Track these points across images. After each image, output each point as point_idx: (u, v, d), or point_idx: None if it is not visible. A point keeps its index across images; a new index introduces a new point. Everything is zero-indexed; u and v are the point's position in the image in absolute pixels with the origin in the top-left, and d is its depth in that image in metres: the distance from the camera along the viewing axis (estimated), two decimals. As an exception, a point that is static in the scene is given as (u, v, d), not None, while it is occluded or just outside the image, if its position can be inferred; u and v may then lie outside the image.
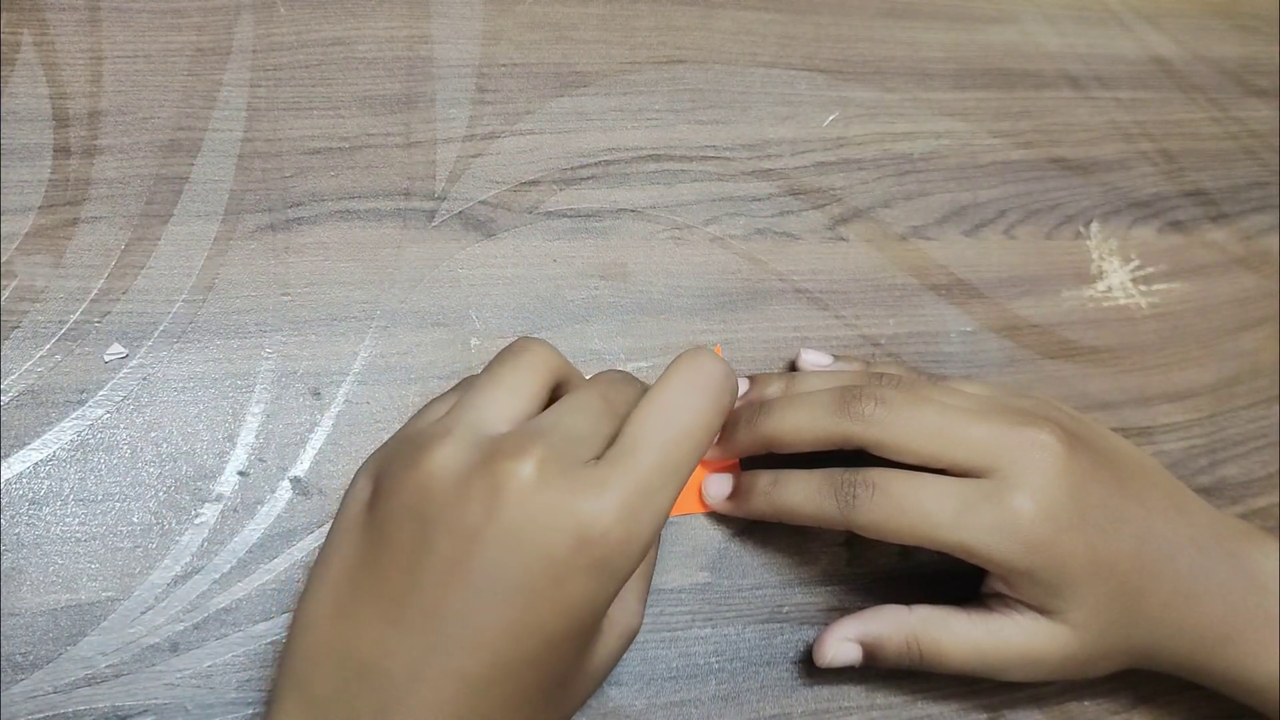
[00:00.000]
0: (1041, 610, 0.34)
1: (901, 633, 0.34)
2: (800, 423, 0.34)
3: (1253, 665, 0.34)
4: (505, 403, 0.28)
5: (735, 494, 0.36)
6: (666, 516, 0.27)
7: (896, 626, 0.35)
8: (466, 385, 0.30)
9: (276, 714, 0.27)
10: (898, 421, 0.33)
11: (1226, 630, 0.34)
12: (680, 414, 0.28)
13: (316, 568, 0.28)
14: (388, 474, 0.27)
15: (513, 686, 0.26)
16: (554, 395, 0.30)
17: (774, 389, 0.36)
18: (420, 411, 0.30)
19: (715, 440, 0.35)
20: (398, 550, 0.26)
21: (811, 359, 0.39)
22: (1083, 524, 0.33)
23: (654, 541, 0.27)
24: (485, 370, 0.30)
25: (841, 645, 0.35)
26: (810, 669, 0.37)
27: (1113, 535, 0.33)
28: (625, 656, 0.35)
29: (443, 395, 0.31)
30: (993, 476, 0.33)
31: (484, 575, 0.25)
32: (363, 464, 0.29)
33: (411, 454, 0.27)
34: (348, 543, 0.27)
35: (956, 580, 0.36)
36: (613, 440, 0.27)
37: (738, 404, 0.36)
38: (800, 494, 0.34)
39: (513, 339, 0.31)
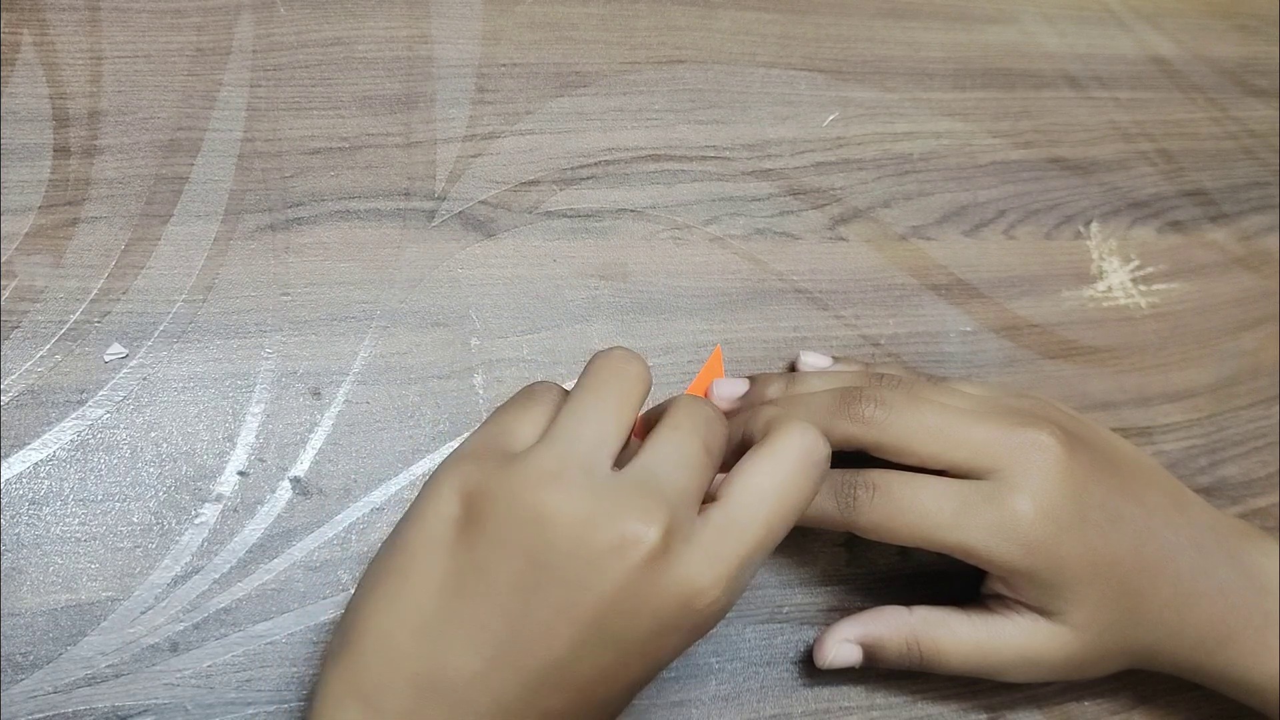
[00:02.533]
0: (1042, 611, 0.34)
1: (901, 634, 0.34)
2: None
3: (1253, 665, 0.34)
4: (611, 435, 0.28)
5: None
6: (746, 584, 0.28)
7: (896, 627, 0.35)
8: (560, 401, 0.29)
9: (335, 711, 0.27)
10: (898, 423, 0.33)
11: (1226, 630, 0.34)
12: (788, 495, 0.28)
13: (391, 579, 0.27)
14: (489, 499, 0.26)
15: (584, 718, 0.27)
16: None
17: (774, 390, 0.36)
18: (503, 418, 0.29)
19: None
20: (501, 584, 0.26)
21: (810, 361, 0.39)
22: (1082, 525, 0.33)
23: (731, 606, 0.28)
24: (585, 388, 0.29)
25: (841, 646, 0.35)
26: (810, 669, 0.37)
27: (1113, 536, 0.33)
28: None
29: (524, 402, 0.30)
30: (993, 478, 0.33)
31: (591, 627, 0.26)
32: (442, 472, 0.28)
33: (524, 488, 0.26)
34: (434, 562, 0.27)
35: (957, 580, 0.36)
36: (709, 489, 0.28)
37: (737, 404, 0.36)
38: None
39: (604, 349, 0.30)
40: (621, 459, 0.28)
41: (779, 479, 0.28)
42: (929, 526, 0.32)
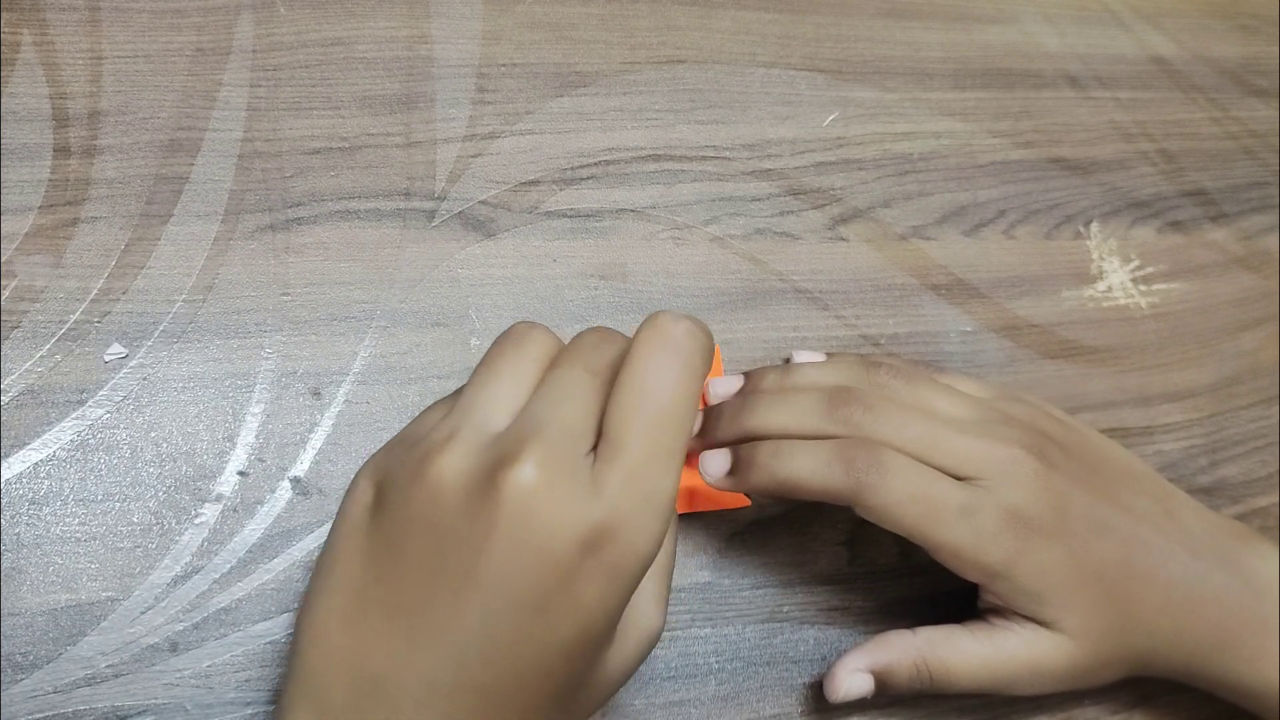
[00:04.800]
0: (1036, 620, 0.34)
1: (909, 656, 0.34)
2: (786, 422, 0.34)
3: (1250, 671, 0.34)
4: (507, 395, 0.27)
5: (735, 468, 0.34)
6: (671, 506, 0.26)
7: (903, 651, 0.34)
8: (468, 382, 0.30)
9: (286, 718, 0.26)
10: (884, 430, 0.33)
11: (1224, 636, 0.34)
12: (656, 394, 0.26)
13: (320, 574, 0.27)
14: (393, 480, 0.27)
15: (527, 696, 0.26)
16: None
17: (769, 381, 0.36)
18: (422, 414, 0.30)
19: (700, 407, 0.34)
20: (410, 562, 0.26)
21: (804, 359, 0.38)
22: (1064, 532, 0.33)
23: (662, 537, 0.26)
24: (483, 362, 0.29)
25: (853, 677, 0.34)
26: (810, 670, 0.37)
27: (1096, 544, 0.34)
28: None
29: (445, 398, 0.30)
30: (977, 486, 0.33)
31: (495, 586, 0.25)
32: (362, 466, 0.28)
33: (418, 461, 0.26)
34: (352, 550, 0.27)
35: (958, 580, 0.36)
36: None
37: (732, 396, 0.36)
38: (807, 466, 0.33)
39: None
40: None
41: (641, 383, 0.26)
42: (931, 521, 0.32)
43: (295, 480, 0.34)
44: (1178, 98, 0.50)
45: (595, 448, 0.26)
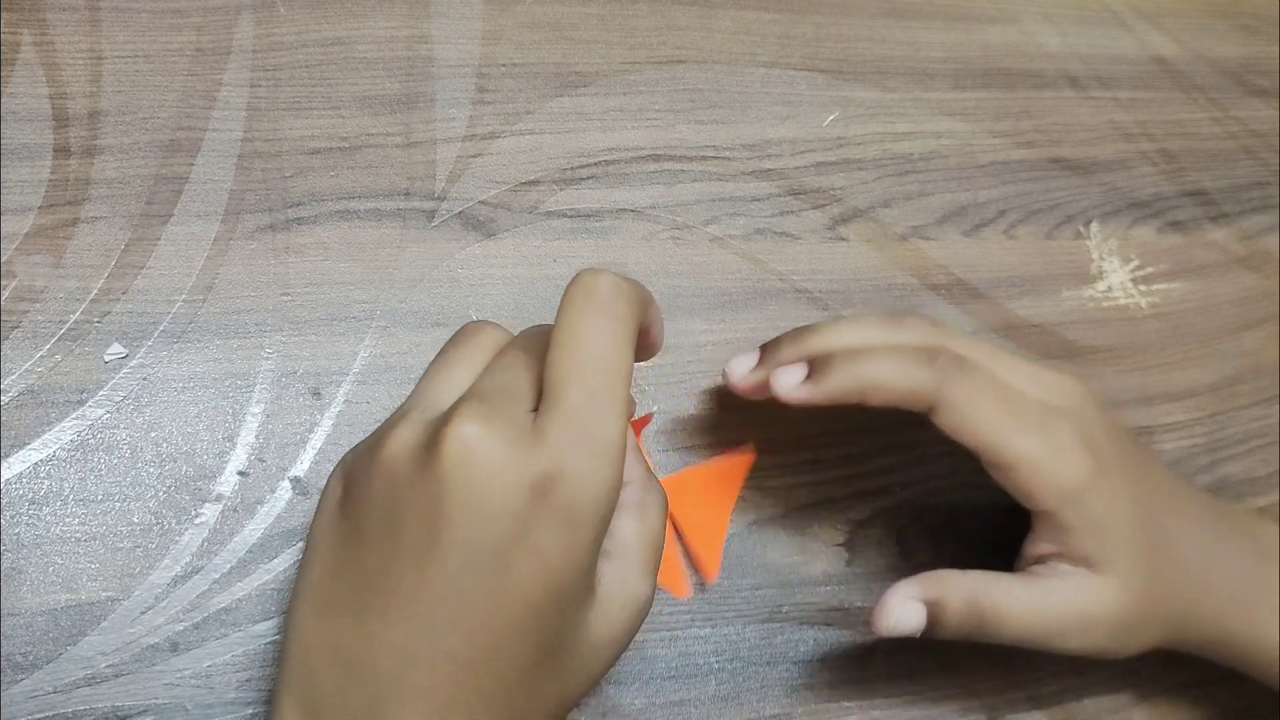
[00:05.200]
0: (1089, 562, 0.33)
1: (962, 594, 0.33)
2: (854, 339, 0.34)
3: (1272, 632, 0.35)
4: (456, 379, 0.28)
5: (813, 374, 0.33)
6: (618, 449, 0.26)
7: (957, 588, 0.33)
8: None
9: (276, 716, 0.27)
10: (954, 344, 0.34)
11: (1245, 598, 0.35)
12: (585, 343, 0.26)
13: (299, 572, 0.28)
14: (354, 468, 0.27)
15: (505, 662, 0.26)
16: None
17: (787, 352, 0.35)
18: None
19: (632, 353, 0.31)
20: (371, 541, 0.26)
21: (739, 366, 0.36)
22: (1123, 471, 0.34)
23: (613, 481, 0.26)
24: (437, 355, 0.30)
25: (906, 606, 0.33)
26: (811, 670, 0.37)
27: (1143, 490, 0.34)
28: (625, 656, 0.35)
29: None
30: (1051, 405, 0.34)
31: (454, 549, 0.25)
32: (334, 467, 0.29)
33: (373, 445, 0.27)
34: (324, 541, 0.27)
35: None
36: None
37: (755, 377, 0.35)
38: (889, 364, 0.33)
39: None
40: None
41: (569, 335, 0.26)
42: (1010, 428, 0.32)
43: (295, 480, 0.34)
44: (1178, 98, 0.50)
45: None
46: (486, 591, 0.25)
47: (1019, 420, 0.32)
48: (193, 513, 0.33)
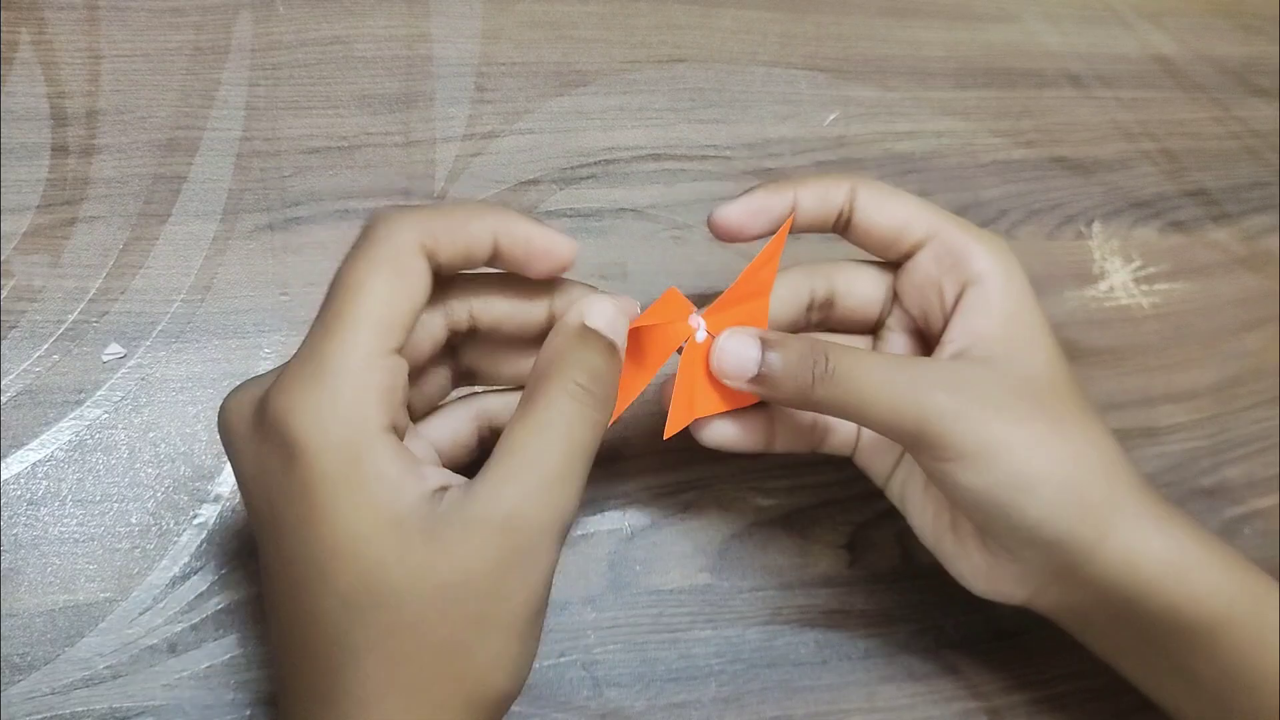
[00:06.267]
0: (999, 345, 0.31)
1: (808, 343, 0.29)
2: None
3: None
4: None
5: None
6: (344, 375, 0.24)
7: (803, 339, 0.30)
8: None
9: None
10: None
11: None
12: (338, 275, 0.26)
13: None
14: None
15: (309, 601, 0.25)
16: None
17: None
18: None
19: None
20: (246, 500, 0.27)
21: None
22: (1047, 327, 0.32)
23: (335, 408, 0.24)
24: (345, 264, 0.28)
25: (740, 337, 0.30)
26: (810, 671, 0.37)
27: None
28: (625, 657, 0.35)
29: None
30: None
31: (250, 510, 0.26)
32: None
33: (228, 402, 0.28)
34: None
35: (959, 586, 0.36)
36: None
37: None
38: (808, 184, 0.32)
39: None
40: None
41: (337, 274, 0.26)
42: (928, 207, 0.32)
43: (294, 481, 0.34)
44: (1180, 97, 0.49)
45: None
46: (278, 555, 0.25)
47: (936, 207, 0.32)
48: (191, 513, 0.33)
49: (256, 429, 0.25)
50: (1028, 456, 0.29)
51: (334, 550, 0.24)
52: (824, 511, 0.38)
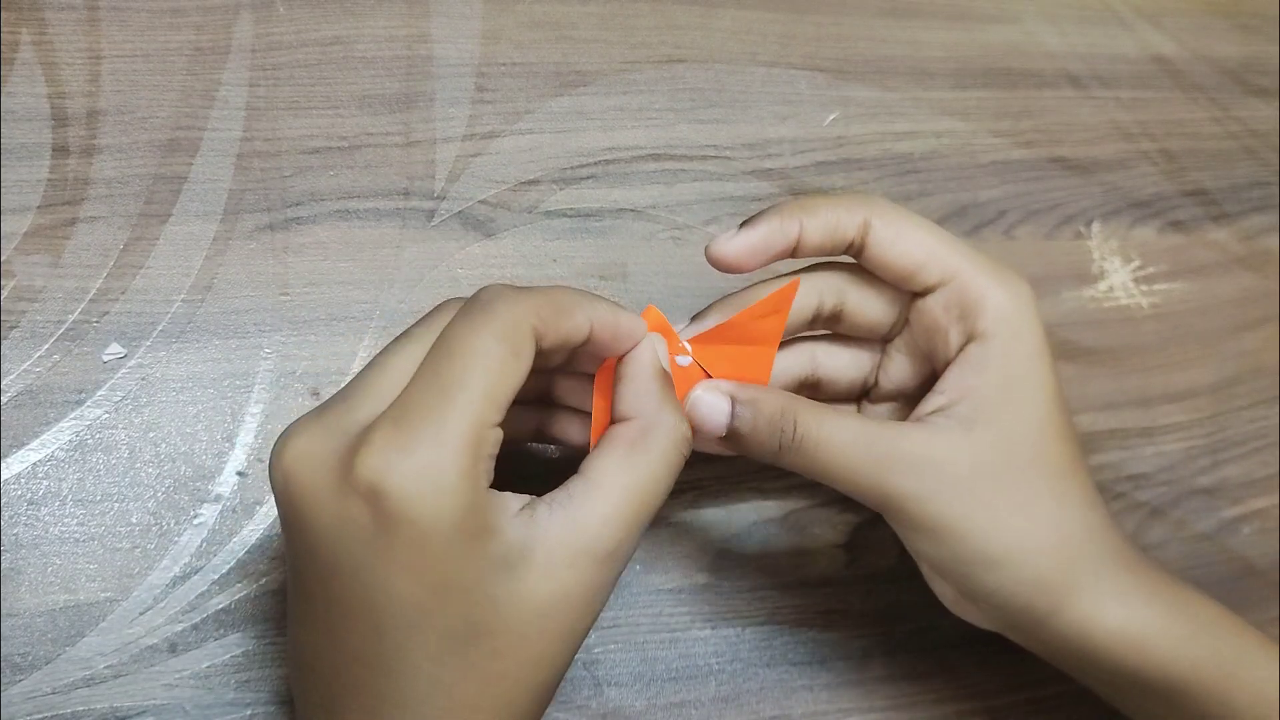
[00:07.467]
0: (978, 412, 0.30)
1: (780, 402, 0.30)
2: None
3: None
4: (397, 369, 0.28)
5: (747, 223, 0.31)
6: (458, 445, 0.25)
7: (776, 396, 0.30)
8: None
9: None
10: None
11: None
12: (444, 342, 0.26)
13: None
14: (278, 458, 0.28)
15: (410, 655, 0.25)
16: None
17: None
18: None
19: None
20: (291, 550, 0.28)
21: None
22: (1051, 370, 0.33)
23: (450, 486, 0.25)
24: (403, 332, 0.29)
25: (712, 394, 0.31)
26: (810, 671, 0.37)
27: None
28: (625, 656, 0.35)
29: None
30: None
31: (309, 556, 0.27)
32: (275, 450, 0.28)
33: (280, 447, 0.28)
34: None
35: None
36: None
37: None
38: (820, 206, 0.31)
39: None
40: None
41: (442, 339, 0.26)
42: (945, 244, 0.31)
43: (294, 481, 0.34)
44: (1179, 97, 0.49)
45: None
46: (359, 586, 0.25)
47: (956, 242, 0.31)
48: (191, 513, 0.33)
49: (341, 483, 0.25)
50: (986, 538, 0.30)
51: (443, 591, 0.25)
52: (823, 512, 0.39)
